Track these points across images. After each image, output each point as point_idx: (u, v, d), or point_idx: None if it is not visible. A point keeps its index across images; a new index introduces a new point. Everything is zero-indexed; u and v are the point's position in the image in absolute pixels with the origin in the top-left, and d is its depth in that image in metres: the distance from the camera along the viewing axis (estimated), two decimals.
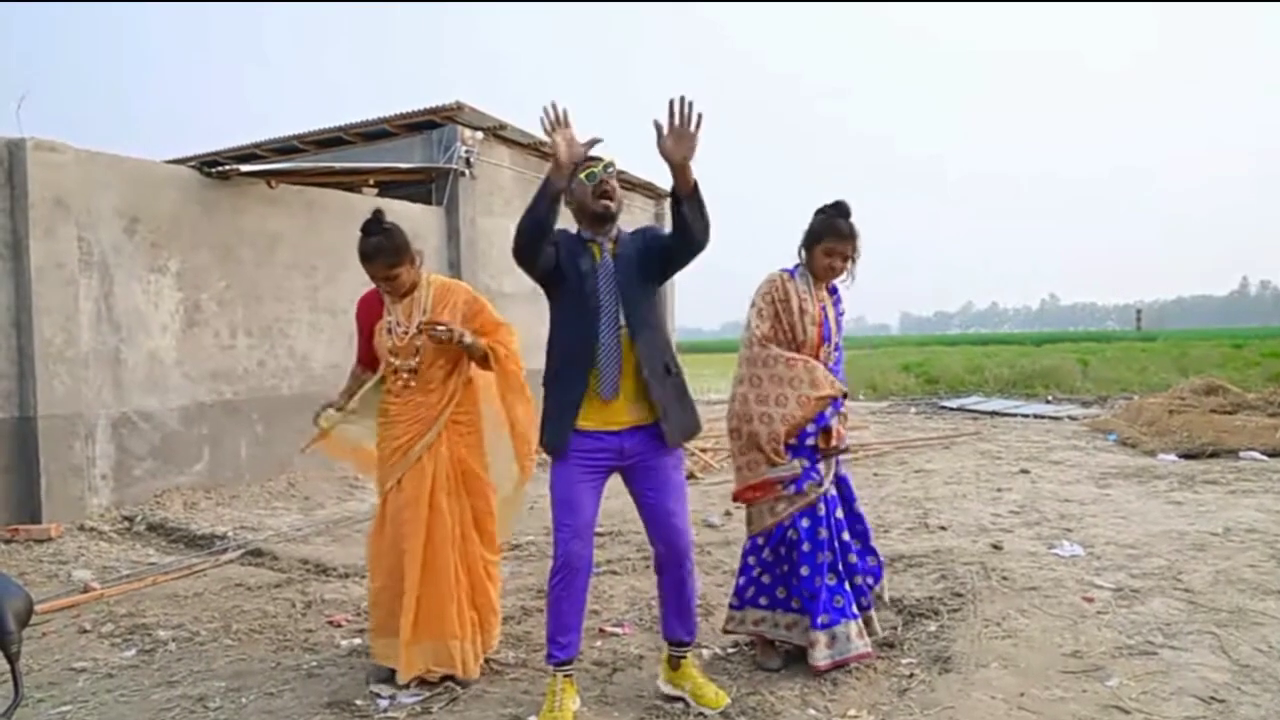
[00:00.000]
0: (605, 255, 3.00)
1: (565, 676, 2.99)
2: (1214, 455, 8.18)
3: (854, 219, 3.35)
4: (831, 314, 3.43)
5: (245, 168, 7.62)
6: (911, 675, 3.28)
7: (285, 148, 10.73)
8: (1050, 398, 15.37)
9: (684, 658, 3.13)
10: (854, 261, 3.39)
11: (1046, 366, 17.90)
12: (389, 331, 3.29)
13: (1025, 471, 7.75)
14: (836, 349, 3.46)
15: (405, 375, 3.25)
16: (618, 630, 3.79)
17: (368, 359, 3.46)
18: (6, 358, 5.94)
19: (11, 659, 1.45)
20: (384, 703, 3.14)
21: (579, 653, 3.09)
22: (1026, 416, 12.54)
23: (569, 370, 2.96)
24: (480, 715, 3.02)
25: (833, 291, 3.51)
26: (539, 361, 3.02)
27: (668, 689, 3.14)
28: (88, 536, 5.90)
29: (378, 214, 3.24)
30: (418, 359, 3.24)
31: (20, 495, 5.98)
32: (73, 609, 4.38)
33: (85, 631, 4.05)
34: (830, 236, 3.32)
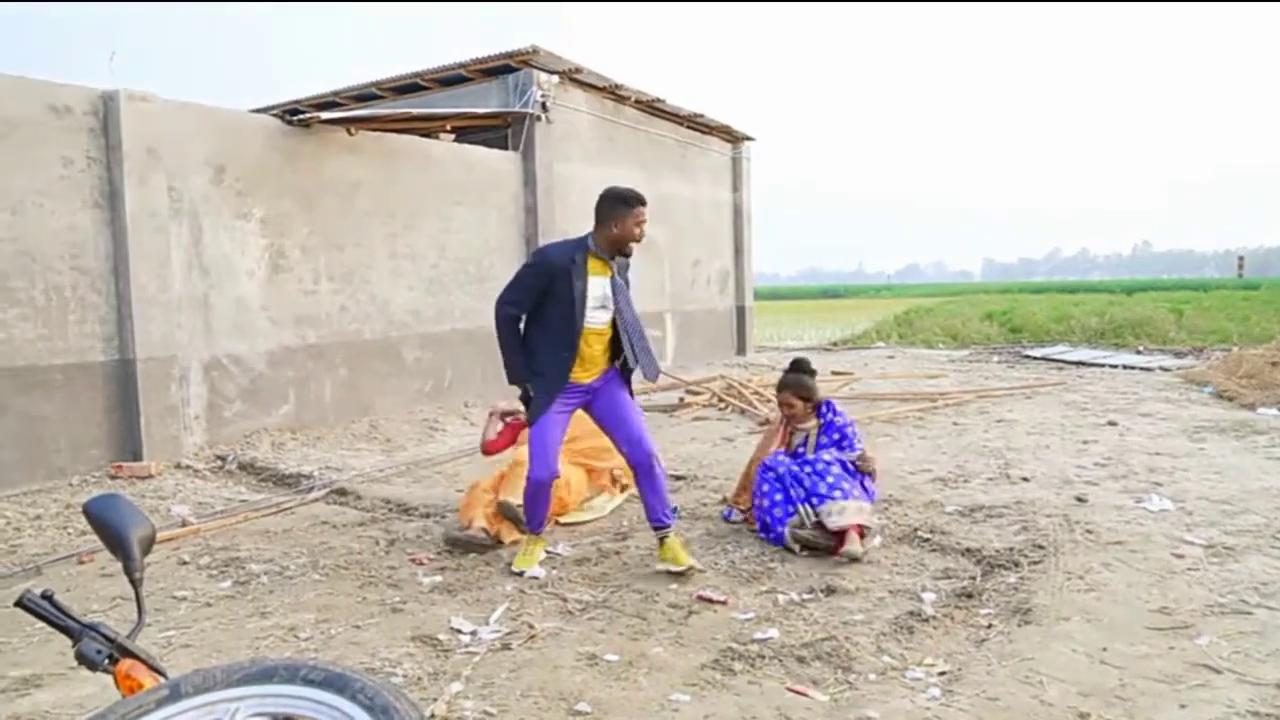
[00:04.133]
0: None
1: (536, 536, 4.08)
2: None
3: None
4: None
5: (325, 115, 7.71)
6: (990, 626, 3.24)
7: (364, 95, 10.84)
8: (1141, 348, 14.80)
9: (666, 537, 3.91)
10: (807, 401, 4.59)
11: (1138, 315, 17.23)
12: None
13: (1113, 423, 7.50)
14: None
15: None
16: (721, 600, 3.54)
17: None
18: (106, 303, 6.20)
19: (135, 584, 1.55)
20: (465, 638, 3.24)
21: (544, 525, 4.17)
22: (1115, 367, 12.10)
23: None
24: (558, 652, 3.09)
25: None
26: None
27: (661, 567, 3.87)
28: (184, 474, 6.19)
29: None
30: None
31: (123, 435, 6.29)
32: (172, 542, 4.61)
33: (184, 563, 4.26)
34: (786, 389, 4.60)
